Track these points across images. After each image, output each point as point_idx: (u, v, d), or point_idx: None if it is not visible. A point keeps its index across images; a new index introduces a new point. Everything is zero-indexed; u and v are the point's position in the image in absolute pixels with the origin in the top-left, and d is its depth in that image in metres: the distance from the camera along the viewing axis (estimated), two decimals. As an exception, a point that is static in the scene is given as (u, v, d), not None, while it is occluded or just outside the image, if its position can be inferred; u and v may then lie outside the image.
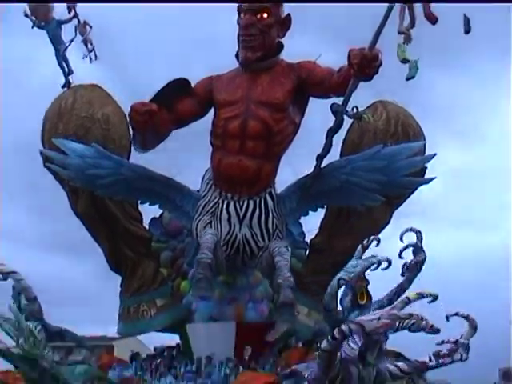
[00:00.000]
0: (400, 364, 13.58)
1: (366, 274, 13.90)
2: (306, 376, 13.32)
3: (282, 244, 17.73)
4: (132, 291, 20.87)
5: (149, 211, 20.58)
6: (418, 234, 15.06)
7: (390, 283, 15.50)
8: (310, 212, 19.30)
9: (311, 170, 18.14)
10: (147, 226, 20.94)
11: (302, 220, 20.22)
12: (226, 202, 17.81)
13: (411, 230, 15.05)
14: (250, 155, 17.62)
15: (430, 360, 13.11)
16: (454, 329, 13.32)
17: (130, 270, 20.87)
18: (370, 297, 14.78)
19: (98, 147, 18.36)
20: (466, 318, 13.07)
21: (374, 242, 13.70)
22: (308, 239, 20.82)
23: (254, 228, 17.73)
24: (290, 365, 15.77)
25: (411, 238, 14.93)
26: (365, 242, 14.71)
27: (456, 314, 13.12)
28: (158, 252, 20.51)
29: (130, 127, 18.89)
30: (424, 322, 11.42)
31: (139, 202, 20.10)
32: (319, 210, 19.48)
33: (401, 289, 15.16)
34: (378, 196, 18.04)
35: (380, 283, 15.93)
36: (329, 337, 10.74)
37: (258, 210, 17.78)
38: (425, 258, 14.99)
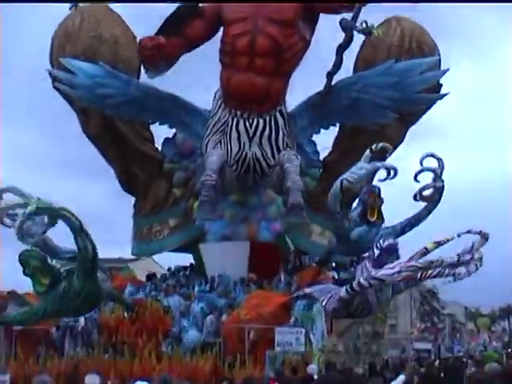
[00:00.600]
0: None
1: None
2: (323, 303, 13.41)
3: (291, 152, 17.65)
4: (145, 212, 20.95)
5: (160, 133, 20.58)
6: (440, 161, 14.76)
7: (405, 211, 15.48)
8: (323, 130, 19.13)
9: (322, 88, 17.81)
10: (159, 147, 20.80)
11: (315, 139, 20.12)
12: (235, 121, 17.65)
13: (432, 155, 14.77)
14: (259, 72, 17.31)
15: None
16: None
17: (142, 190, 20.89)
18: (381, 217, 14.71)
19: (106, 66, 18.06)
20: (479, 233, 12.86)
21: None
22: (321, 158, 20.63)
23: (264, 146, 17.61)
24: (303, 284, 15.92)
25: (430, 163, 14.82)
26: (373, 146, 14.56)
27: (468, 232, 13.02)
28: (170, 172, 20.43)
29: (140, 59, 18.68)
30: (447, 270, 11.33)
31: (150, 122, 19.92)
32: (331, 128, 19.30)
33: (417, 219, 15.02)
34: (390, 113, 17.75)
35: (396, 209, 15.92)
36: (348, 287, 10.74)
37: (267, 128, 17.60)
38: (443, 188, 14.80)
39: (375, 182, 14.47)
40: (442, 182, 14.59)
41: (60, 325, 15.24)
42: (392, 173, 13.98)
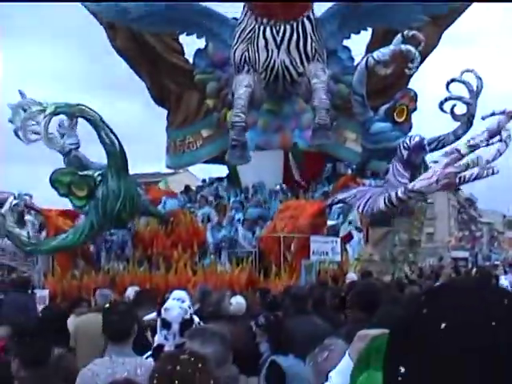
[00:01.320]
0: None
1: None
2: (359, 209, 13.02)
3: (319, 66, 16.96)
4: (177, 124, 20.60)
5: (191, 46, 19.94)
6: (479, 80, 13.96)
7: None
8: (355, 36, 18.26)
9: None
10: (189, 59, 20.12)
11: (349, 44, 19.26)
12: (262, 28, 16.89)
13: (472, 71, 13.99)
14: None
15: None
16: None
17: (174, 102, 20.48)
18: (409, 121, 14.19)
19: None
20: (503, 112, 12.38)
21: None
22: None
23: (293, 53, 16.89)
24: (338, 192, 15.56)
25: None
26: (405, 31, 13.90)
27: (492, 114, 12.50)
28: (202, 83, 19.81)
29: None
30: (484, 171, 10.79)
31: (178, 33, 19.27)
32: (364, 33, 18.35)
33: (444, 140, 14.31)
34: (422, 16, 16.85)
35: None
36: (386, 201, 10.33)
37: (295, 34, 16.81)
38: (473, 114, 14.01)
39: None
40: (475, 106, 13.80)
41: (96, 239, 15.15)
42: (416, 61, 13.36)
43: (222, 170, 21.64)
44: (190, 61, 20.05)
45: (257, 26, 16.93)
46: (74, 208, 13.31)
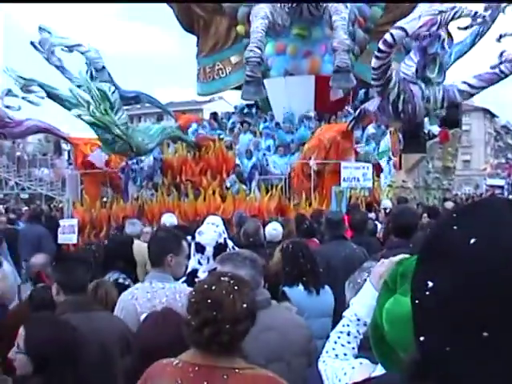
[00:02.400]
0: (470, 80, 12.27)
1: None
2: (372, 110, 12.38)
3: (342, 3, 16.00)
4: (207, 51, 20.01)
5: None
6: None
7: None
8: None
9: None
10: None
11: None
12: None
13: None
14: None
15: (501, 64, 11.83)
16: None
17: (202, 29, 19.81)
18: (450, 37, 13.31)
19: None
20: None
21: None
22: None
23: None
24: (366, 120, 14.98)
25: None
26: None
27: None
28: (231, 9, 19.08)
29: None
30: (467, 9, 10.00)
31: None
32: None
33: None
34: None
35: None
36: (376, 53, 9.43)
37: None
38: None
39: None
40: None
41: (124, 167, 14.86)
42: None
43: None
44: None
45: None
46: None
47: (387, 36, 9.37)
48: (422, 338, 1.03)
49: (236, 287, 2.48)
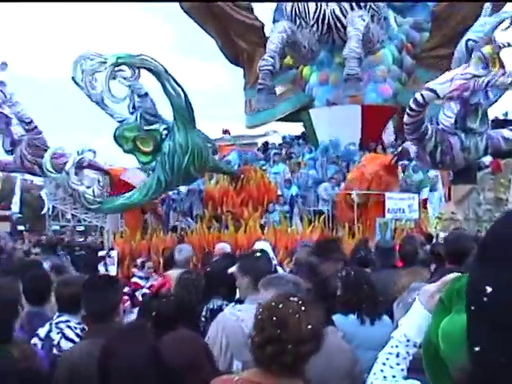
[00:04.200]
0: None
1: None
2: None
3: (358, 13, 15.35)
4: (252, 83, 19.51)
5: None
6: None
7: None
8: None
9: None
10: (258, 16, 19.05)
11: None
12: None
13: None
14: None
15: None
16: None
17: (247, 61, 19.43)
18: (502, 65, 12.44)
19: None
20: None
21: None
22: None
23: (343, 2, 15.46)
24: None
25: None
26: None
27: None
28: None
29: None
30: (503, 77, 9.17)
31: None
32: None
33: None
34: None
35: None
36: (407, 110, 8.91)
37: None
38: None
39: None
40: None
41: (165, 197, 14.39)
42: None
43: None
44: (260, 18, 18.98)
45: None
46: (140, 164, 12.36)
47: (418, 96, 8.83)
48: (476, 349, 1.00)
49: (303, 308, 2.42)
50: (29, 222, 28.57)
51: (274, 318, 2.35)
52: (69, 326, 4.27)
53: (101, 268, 10.33)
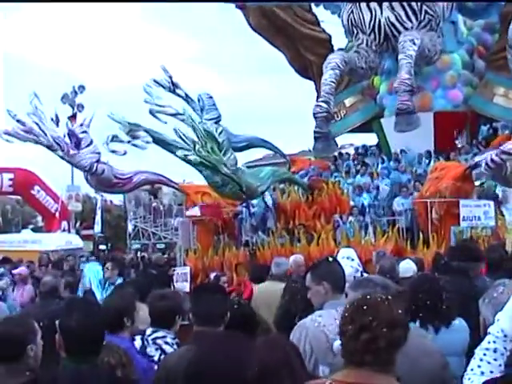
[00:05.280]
0: None
1: None
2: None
3: (410, 36, 14.70)
4: (322, 96, 19.40)
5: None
6: None
7: None
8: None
9: None
10: (325, 28, 18.92)
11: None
12: None
13: None
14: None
15: None
16: None
17: (316, 74, 19.24)
18: None
19: None
20: None
21: None
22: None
23: (397, 9, 14.93)
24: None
25: None
26: None
27: None
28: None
29: None
30: None
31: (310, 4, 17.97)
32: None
33: None
34: None
35: None
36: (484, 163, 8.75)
37: None
38: None
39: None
40: None
41: (237, 212, 14.40)
42: None
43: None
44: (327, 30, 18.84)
45: None
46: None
47: (495, 157, 8.51)
48: None
49: (390, 297, 2.48)
50: (110, 240, 29.25)
51: (365, 307, 2.37)
52: (166, 342, 4.27)
53: (179, 285, 10.31)
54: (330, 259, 4.25)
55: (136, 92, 13.20)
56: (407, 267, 6.96)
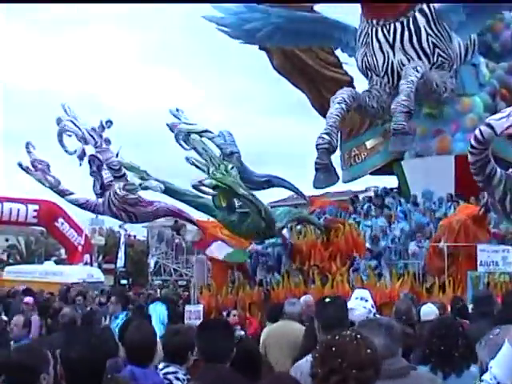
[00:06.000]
0: None
1: None
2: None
3: (413, 64, 14.56)
4: (344, 137, 19.43)
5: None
6: None
7: None
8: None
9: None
10: (348, 70, 18.92)
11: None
12: (374, 30, 14.98)
13: None
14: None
15: None
16: None
17: (339, 115, 19.30)
18: None
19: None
20: None
21: None
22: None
23: (408, 51, 14.75)
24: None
25: None
26: None
27: None
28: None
29: None
30: None
31: (333, 47, 17.99)
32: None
33: None
34: None
35: None
36: (468, 148, 8.39)
37: (406, 31, 14.68)
38: None
39: None
40: None
41: (251, 251, 14.30)
42: None
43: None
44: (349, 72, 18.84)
45: (369, 29, 15.10)
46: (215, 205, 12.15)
47: (477, 132, 8.33)
48: None
49: (359, 335, 2.46)
50: (132, 276, 29.30)
51: (333, 349, 2.38)
52: (177, 378, 4.27)
53: (192, 323, 10.21)
54: (327, 300, 4.20)
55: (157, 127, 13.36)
56: (428, 311, 6.91)
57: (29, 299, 10.39)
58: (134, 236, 32.15)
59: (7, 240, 47.08)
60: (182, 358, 4.31)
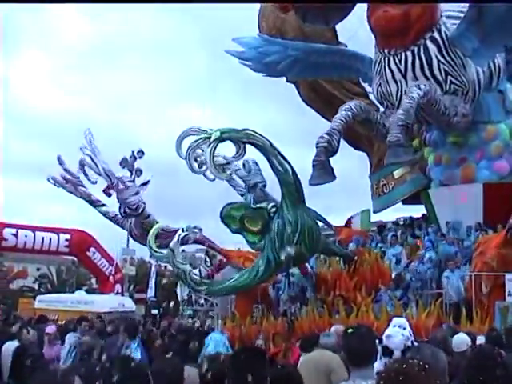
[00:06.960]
0: None
1: None
2: None
3: (417, 83, 14.43)
4: (373, 168, 19.37)
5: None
6: None
7: None
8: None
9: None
10: (374, 101, 18.81)
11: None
12: (386, 60, 14.98)
13: None
14: (394, 2, 14.25)
15: None
16: None
17: (367, 146, 19.25)
18: None
19: (262, 36, 16.76)
20: None
21: None
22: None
23: (420, 79, 14.62)
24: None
25: None
26: None
27: None
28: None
29: None
30: None
31: (358, 78, 17.97)
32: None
33: None
34: None
35: None
36: None
37: (417, 59, 14.61)
38: None
39: None
40: None
41: (275, 281, 14.15)
42: None
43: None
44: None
45: (382, 58, 15.09)
46: (248, 244, 12.00)
47: None
48: None
49: (426, 366, 2.43)
50: (163, 305, 29.21)
51: (401, 378, 2.33)
52: None
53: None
54: (349, 330, 4.19)
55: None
56: (461, 340, 6.84)
57: (50, 329, 10.33)
58: (165, 266, 32.12)
59: (38, 269, 47.46)
60: None
